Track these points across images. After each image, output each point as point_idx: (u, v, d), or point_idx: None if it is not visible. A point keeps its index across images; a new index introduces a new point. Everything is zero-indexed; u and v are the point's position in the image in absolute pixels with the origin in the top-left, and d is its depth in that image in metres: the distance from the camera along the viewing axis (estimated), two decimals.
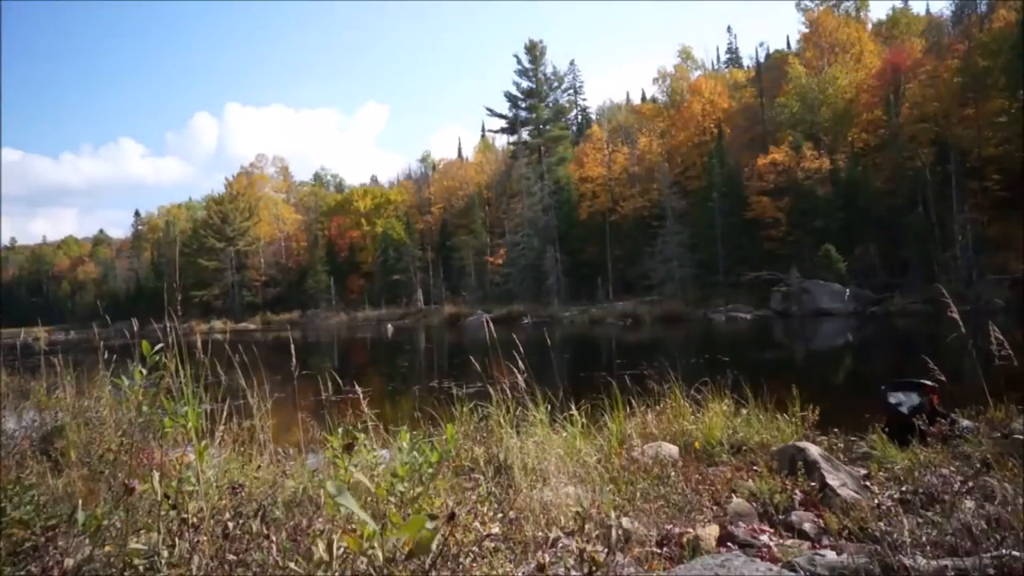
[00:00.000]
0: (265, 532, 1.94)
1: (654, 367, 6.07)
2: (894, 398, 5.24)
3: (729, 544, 3.10)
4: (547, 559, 1.95)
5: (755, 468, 4.19)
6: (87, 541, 1.85)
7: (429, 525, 1.05)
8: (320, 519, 2.40)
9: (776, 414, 5.23)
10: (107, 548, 1.85)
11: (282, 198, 71.07)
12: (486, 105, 60.67)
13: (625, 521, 3.10)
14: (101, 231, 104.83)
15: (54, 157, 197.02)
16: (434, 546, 1.06)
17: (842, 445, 4.95)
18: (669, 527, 3.11)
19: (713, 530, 3.14)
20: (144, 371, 1.99)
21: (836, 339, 21.73)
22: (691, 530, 3.04)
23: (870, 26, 44.79)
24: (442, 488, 3.07)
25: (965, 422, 4.78)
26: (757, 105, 43.96)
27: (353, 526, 1.51)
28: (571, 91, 61.11)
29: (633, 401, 5.55)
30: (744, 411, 5.29)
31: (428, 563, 1.21)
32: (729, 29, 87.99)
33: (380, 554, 1.31)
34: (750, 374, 5.95)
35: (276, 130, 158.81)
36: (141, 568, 1.70)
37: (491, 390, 4.51)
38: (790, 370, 13.49)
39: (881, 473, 4.05)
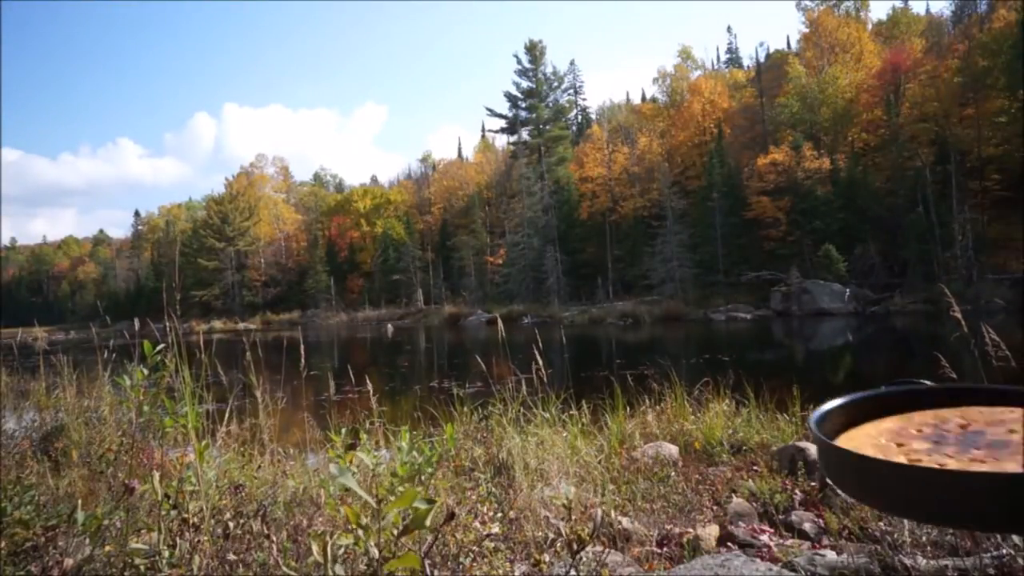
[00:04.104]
0: (266, 532, 1.94)
1: (657, 365, 6.08)
2: None
3: (729, 544, 3.10)
4: (546, 558, 1.95)
5: (755, 468, 4.19)
6: (87, 541, 1.85)
7: (423, 505, 1.05)
8: (320, 519, 2.40)
9: (776, 414, 5.23)
10: (107, 548, 1.85)
11: (282, 198, 71.07)
12: (486, 105, 60.79)
13: (625, 521, 3.10)
14: (101, 231, 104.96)
15: (52, 157, 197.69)
16: (429, 524, 1.06)
17: None
18: (669, 527, 3.11)
19: (713, 530, 3.14)
20: (145, 371, 1.99)
21: (836, 339, 21.73)
22: (691, 530, 3.04)
23: (870, 26, 44.79)
24: (442, 488, 3.07)
25: None
26: (757, 105, 43.98)
27: (351, 526, 1.52)
28: (571, 91, 61.17)
29: (633, 401, 5.55)
30: (744, 411, 5.29)
31: (424, 550, 1.21)
32: (729, 29, 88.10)
33: (374, 547, 1.31)
34: (750, 374, 5.95)
35: (274, 130, 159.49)
36: (142, 568, 1.70)
37: (496, 388, 4.51)
38: (790, 370, 13.48)
39: None
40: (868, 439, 0.62)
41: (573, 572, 1.50)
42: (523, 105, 56.48)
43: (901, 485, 0.51)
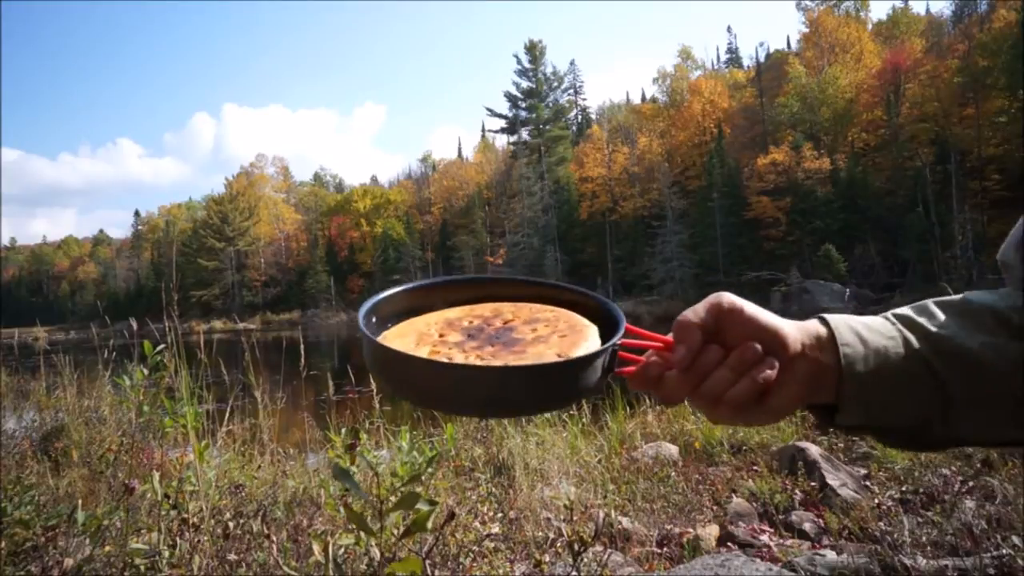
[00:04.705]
0: (266, 532, 1.94)
1: None
2: None
3: (729, 544, 3.10)
4: (546, 558, 1.95)
5: (755, 468, 4.19)
6: (87, 541, 1.85)
7: (426, 507, 1.05)
8: (320, 519, 2.40)
9: None
10: (107, 548, 1.85)
11: (282, 198, 71.09)
12: (486, 105, 60.90)
13: (625, 521, 3.10)
14: (101, 231, 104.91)
15: (52, 157, 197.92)
16: (431, 526, 1.06)
17: (842, 445, 4.94)
18: (669, 527, 3.11)
19: (713, 530, 3.14)
20: (145, 371, 1.99)
21: None
22: (691, 530, 3.04)
23: (870, 26, 44.81)
24: (442, 488, 3.07)
25: None
26: (757, 105, 43.98)
27: (352, 526, 1.52)
28: (571, 91, 61.18)
29: (633, 401, 5.55)
30: None
31: (425, 550, 1.21)
32: (729, 29, 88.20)
33: (376, 547, 1.31)
34: None
35: (274, 130, 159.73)
36: (142, 568, 1.70)
37: None
38: None
39: (881, 473, 4.04)
40: (422, 326, 0.65)
41: (575, 573, 1.50)
42: (523, 105, 56.52)
43: (407, 374, 0.55)
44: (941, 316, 0.61)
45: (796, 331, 0.60)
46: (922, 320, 0.61)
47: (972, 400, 0.58)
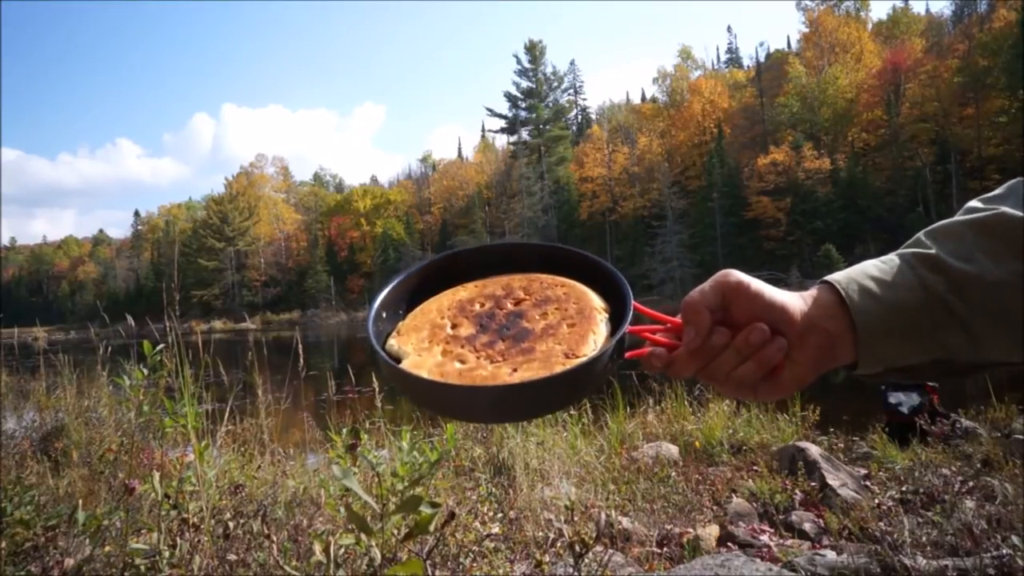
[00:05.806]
0: (266, 532, 1.94)
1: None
2: (894, 398, 5.24)
3: (729, 544, 3.10)
4: (547, 558, 1.95)
5: (755, 468, 4.19)
6: (87, 541, 1.85)
7: (428, 510, 1.05)
8: (320, 519, 2.40)
9: (776, 414, 5.22)
10: (107, 548, 1.85)
11: (282, 198, 71.09)
12: (486, 105, 60.96)
13: (625, 521, 3.09)
14: (101, 231, 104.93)
15: (51, 158, 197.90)
16: (432, 527, 1.06)
17: (842, 445, 4.94)
18: (669, 527, 3.11)
19: (713, 530, 3.14)
20: (144, 371, 1.99)
21: None
22: (691, 530, 3.04)
23: (870, 26, 44.81)
24: (442, 488, 3.07)
25: (966, 422, 4.79)
26: (757, 105, 44.00)
27: (352, 526, 1.52)
28: (571, 91, 61.21)
29: (634, 401, 5.55)
30: (744, 411, 5.28)
31: (425, 551, 1.21)
32: (729, 29, 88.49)
33: (376, 548, 1.31)
34: None
35: (274, 130, 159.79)
36: (142, 568, 1.69)
37: None
38: None
39: (881, 473, 4.04)
40: (435, 314, 0.67)
41: (576, 574, 1.50)
42: (523, 105, 56.53)
43: (415, 389, 0.59)
44: (970, 243, 0.59)
45: (804, 304, 0.60)
46: (947, 256, 0.59)
47: (999, 331, 0.57)
